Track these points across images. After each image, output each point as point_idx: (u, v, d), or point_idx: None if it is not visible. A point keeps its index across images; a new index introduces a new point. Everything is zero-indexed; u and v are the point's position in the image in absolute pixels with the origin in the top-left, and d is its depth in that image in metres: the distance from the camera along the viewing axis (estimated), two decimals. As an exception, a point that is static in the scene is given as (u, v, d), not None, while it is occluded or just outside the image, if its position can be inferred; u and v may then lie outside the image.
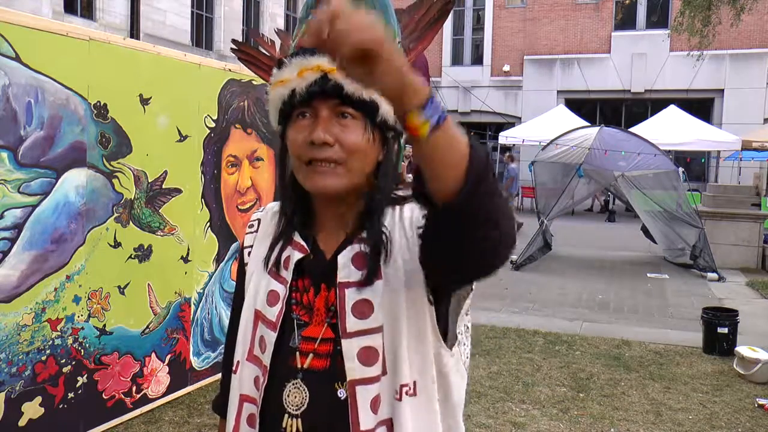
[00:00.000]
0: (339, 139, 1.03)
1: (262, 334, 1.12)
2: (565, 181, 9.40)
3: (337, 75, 1.00)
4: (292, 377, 1.08)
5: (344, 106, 1.03)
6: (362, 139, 1.04)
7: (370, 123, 1.04)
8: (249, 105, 4.41)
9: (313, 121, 1.04)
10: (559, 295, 7.67)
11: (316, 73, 1.01)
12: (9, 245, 2.91)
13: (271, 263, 1.14)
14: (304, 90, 1.02)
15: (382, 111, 1.04)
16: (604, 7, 23.17)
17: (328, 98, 1.02)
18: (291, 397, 1.07)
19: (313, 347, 1.07)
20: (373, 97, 1.02)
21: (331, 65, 0.96)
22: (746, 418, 4.09)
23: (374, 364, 1.03)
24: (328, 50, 0.78)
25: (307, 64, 1.02)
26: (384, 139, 1.08)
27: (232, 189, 4.33)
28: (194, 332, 4.09)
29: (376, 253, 1.06)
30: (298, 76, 1.03)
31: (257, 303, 1.14)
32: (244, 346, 1.14)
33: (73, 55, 3.15)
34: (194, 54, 4.22)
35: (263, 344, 1.11)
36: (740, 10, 12.81)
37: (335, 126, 1.03)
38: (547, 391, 4.43)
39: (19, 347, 2.98)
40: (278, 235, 1.15)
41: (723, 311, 5.67)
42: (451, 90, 24.38)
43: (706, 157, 20.43)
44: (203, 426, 3.69)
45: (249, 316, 1.15)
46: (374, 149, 1.06)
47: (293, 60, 1.05)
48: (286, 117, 1.08)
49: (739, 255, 9.61)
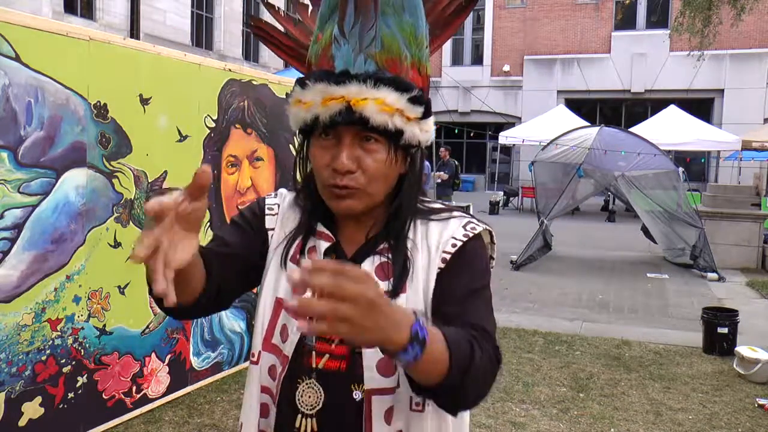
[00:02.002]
0: (362, 164, 1.03)
1: (284, 323, 1.10)
2: (565, 181, 9.40)
3: (363, 107, 0.99)
4: (306, 376, 1.07)
5: (368, 131, 1.02)
6: (385, 164, 1.04)
7: (393, 146, 1.04)
8: (249, 105, 4.41)
9: (336, 143, 1.03)
10: (559, 295, 7.67)
11: (341, 103, 1.00)
12: (9, 245, 2.91)
13: (294, 251, 1.12)
14: (327, 119, 1.01)
15: (406, 135, 1.03)
16: (604, 7, 23.18)
17: (352, 125, 1.01)
18: (305, 396, 1.06)
19: (330, 348, 1.06)
20: (399, 125, 1.02)
21: (357, 96, 0.99)
22: (746, 418, 4.09)
23: (391, 376, 1.03)
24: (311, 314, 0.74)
25: (332, 93, 1.00)
26: (407, 154, 1.08)
27: (232, 189, 4.33)
28: (194, 332, 4.09)
29: (400, 266, 1.07)
30: (322, 104, 1.01)
31: (279, 291, 1.11)
32: (262, 335, 1.12)
33: (73, 55, 3.15)
34: (194, 54, 4.22)
35: (285, 333, 1.09)
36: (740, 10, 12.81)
37: (358, 150, 1.03)
38: (547, 391, 4.43)
39: (19, 347, 2.98)
40: (300, 225, 1.14)
41: (723, 311, 5.67)
42: (451, 90, 24.38)
43: (706, 157, 20.45)
44: (203, 426, 3.69)
45: (269, 303, 1.12)
46: (396, 168, 1.07)
47: (317, 85, 1.02)
48: (308, 131, 1.08)
49: (739, 255, 9.61)
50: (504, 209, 18.61)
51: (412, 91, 1.02)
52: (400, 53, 1.02)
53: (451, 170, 12.11)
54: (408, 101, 1.02)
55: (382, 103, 1.00)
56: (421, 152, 1.12)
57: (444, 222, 1.12)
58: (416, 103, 1.03)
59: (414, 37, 1.04)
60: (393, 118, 1.01)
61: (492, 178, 23.97)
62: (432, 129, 1.10)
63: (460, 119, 24.14)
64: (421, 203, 1.14)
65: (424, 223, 1.12)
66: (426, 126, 1.07)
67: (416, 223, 1.12)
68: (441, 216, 1.13)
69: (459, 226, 1.11)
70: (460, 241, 1.09)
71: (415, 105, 1.03)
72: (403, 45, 1.03)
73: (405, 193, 1.10)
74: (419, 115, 1.04)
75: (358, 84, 0.99)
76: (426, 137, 1.08)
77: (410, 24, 1.03)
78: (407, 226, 1.11)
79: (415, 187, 1.11)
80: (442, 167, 12.21)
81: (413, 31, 1.03)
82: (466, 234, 1.10)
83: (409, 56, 1.03)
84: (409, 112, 1.03)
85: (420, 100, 1.04)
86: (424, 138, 1.07)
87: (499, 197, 18.39)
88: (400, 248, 1.08)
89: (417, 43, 1.05)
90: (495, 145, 21.66)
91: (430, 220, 1.12)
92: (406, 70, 1.04)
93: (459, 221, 1.12)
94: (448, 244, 1.09)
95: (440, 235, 1.10)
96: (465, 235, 1.09)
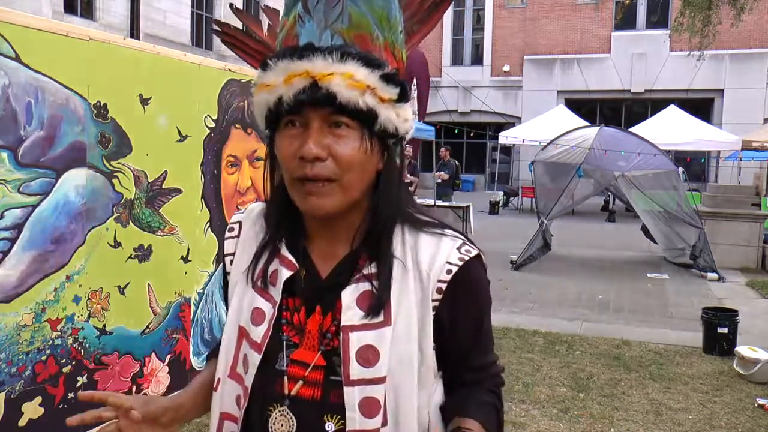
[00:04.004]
0: (332, 152, 0.92)
1: (245, 353, 1.02)
2: (565, 181, 9.40)
3: (329, 82, 0.90)
4: (278, 403, 0.99)
5: (338, 114, 0.92)
6: (359, 152, 0.93)
7: (367, 132, 0.94)
8: (249, 105, 4.41)
9: (303, 131, 0.93)
10: (559, 295, 7.67)
11: (305, 79, 0.90)
12: (9, 245, 2.91)
13: (255, 277, 1.04)
14: (291, 99, 0.91)
15: (381, 119, 0.93)
16: (604, 7, 23.18)
17: (319, 106, 0.91)
18: (277, 424, 0.99)
19: (304, 374, 0.99)
20: (371, 105, 0.92)
21: (323, 70, 0.89)
22: (746, 418, 4.09)
23: (375, 417, 0.96)
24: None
25: (295, 69, 0.91)
26: (384, 146, 0.97)
27: (232, 189, 4.33)
28: (194, 332, 4.09)
29: (385, 295, 0.97)
30: (284, 83, 0.92)
31: (241, 319, 1.04)
32: (227, 363, 1.04)
33: (73, 55, 3.15)
34: (194, 54, 4.22)
35: (246, 364, 1.01)
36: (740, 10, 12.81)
37: (327, 137, 0.92)
38: (547, 391, 4.43)
39: (19, 347, 2.98)
40: (262, 246, 1.05)
41: (723, 311, 5.67)
42: (451, 90, 24.39)
43: (706, 157, 20.43)
44: (203, 426, 3.69)
45: (232, 331, 1.05)
46: (373, 160, 0.96)
47: (279, 63, 0.92)
48: (274, 122, 0.97)
49: (739, 255, 9.61)
50: (504, 209, 18.61)
51: (384, 68, 0.93)
52: (371, 31, 0.94)
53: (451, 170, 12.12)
54: (380, 79, 0.92)
55: (351, 77, 0.90)
56: (401, 148, 1.01)
57: (437, 239, 1.01)
58: (390, 83, 0.93)
59: (386, 19, 0.95)
60: (364, 96, 0.91)
61: (492, 178, 23.97)
62: (411, 119, 1.00)
63: (460, 119, 24.14)
64: (410, 208, 1.03)
65: (413, 233, 1.01)
66: (403, 112, 0.97)
67: (404, 232, 1.01)
68: (433, 230, 1.02)
69: (453, 247, 1.01)
70: (456, 266, 0.99)
71: (389, 84, 0.93)
72: (375, 25, 0.94)
73: (383, 191, 0.98)
74: (394, 96, 0.94)
75: (323, 57, 0.90)
76: (405, 127, 0.98)
77: (381, 7, 0.95)
78: (392, 232, 1.00)
79: (394, 184, 0.99)
80: (442, 167, 12.22)
81: (385, 14, 0.95)
82: (461, 257, 1.00)
83: (381, 37, 0.95)
84: (382, 91, 0.93)
85: (394, 79, 0.94)
86: (402, 127, 0.97)
87: (499, 197, 18.40)
88: (385, 266, 0.98)
89: (390, 26, 0.96)
90: (495, 145, 21.67)
91: (421, 231, 1.02)
92: (378, 50, 0.94)
93: (452, 242, 1.01)
94: (443, 271, 0.99)
95: (432, 258, 0.99)
96: (461, 259, 1.00)
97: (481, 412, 1.03)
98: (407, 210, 1.03)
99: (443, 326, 1.01)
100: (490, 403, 1.06)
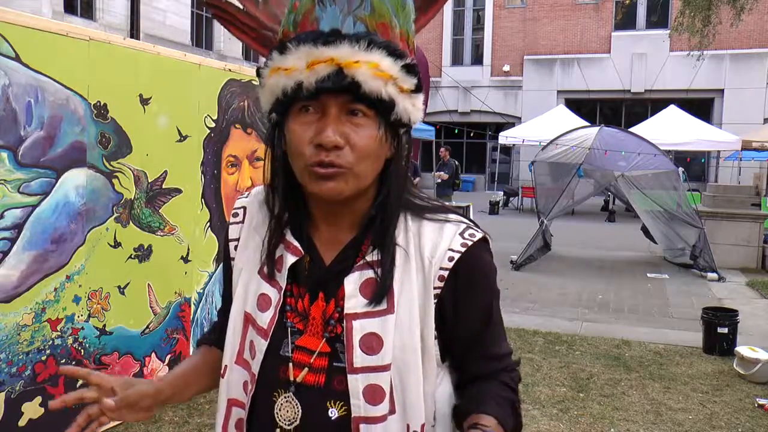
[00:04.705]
0: (349, 140, 0.92)
1: (251, 339, 1.03)
2: (565, 181, 9.40)
3: (355, 70, 0.88)
4: (284, 389, 1.00)
5: (356, 103, 0.91)
6: (375, 141, 0.93)
7: (383, 121, 0.94)
8: (249, 105, 4.41)
9: (319, 117, 0.92)
10: (559, 295, 7.67)
11: (330, 66, 0.89)
12: (9, 245, 2.91)
13: (262, 263, 1.04)
14: (313, 85, 0.89)
15: (398, 109, 0.93)
16: (604, 7, 23.19)
17: (339, 94, 0.90)
18: (283, 410, 0.99)
19: (309, 360, 0.99)
20: (392, 95, 0.92)
21: (349, 58, 0.89)
22: (746, 418, 4.09)
23: (379, 404, 0.95)
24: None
25: (319, 56, 0.89)
26: (395, 134, 0.98)
27: (232, 189, 4.33)
28: (194, 332, 4.09)
29: (388, 282, 0.97)
30: (307, 68, 0.89)
31: (247, 305, 1.04)
32: (233, 349, 1.05)
33: (73, 55, 3.15)
34: (194, 54, 4.22)
35: (253, 350, 1.02)
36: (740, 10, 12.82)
37: (345, 125, 0.92)
38: (547, 391, 4.43)
39: (19, 347, 2.98)
40: (270, 235, 1.05)
41: (723, 311, 5.67)
42: (451, 90, 24.38)
43: (706, 157, 20.44)
44: (203, 426, 3.69)
45: (238, 318, 1.05)
46: (385, 148, 0.96)
47: (302, 47, 0.90)
48: (285, 106, 0.95)
49: (739, 255, 9.61)
50: (504, 209, 18.62)
51: (406, 59, 0.93)
52: (390, 20, 0.92)
53: (451, 170, 12.11)
54: (402, 69, 0.92)
55: (376, 67, 0.89)
56: (409, 137, 1.01)
57: (439, 225, 1.01)
58: (410, 73, 0.93)
59: (402, 6, 0.94)
60: (387, 86, 0.91)
61: (492, 178, 23.97)
62: (421, 108, 0.99)
63: (460, 119, 24.14)
64: (412, 196, 1.03)
65: (416, 220, 1.01)
66: (417, 102, 0.97)
67: (407, 219, 1.01)
68: (436, 216, 1.02)
69: (455, 233, 1.00)
70: (458, 252, 0.99)
71: (409, 75, 0.93)
72: (393, 13, 0.93)
73: (392, 179, 0.98)
74: (413, 87, 0.94)
75: (350, 45, 0.88)
76: (416, 116, 0.98)
77: None
78: (396, 219, 1.00)
79: (402, 173, 1.00)
80: (442, 167, 12.21)
81: (401, 2, 0.94)
82: (464, 243, 0.99)
83: (398, 25, 0.94)
84: (403, 81, 0.93)
85: (413, 69, 0.94)
86: (414, 116, 0.97)
87: (499, 197, 18.40)
88: (388, 253, 0.97)
89: (405, 14, 0.95)
90: (495, 145, 21.66)
91: (423, 218, 1.01)
92: (396, 39, 0.94)
93: (455, 227, 1.01)
94: (445, 258, 0.98)
95: (435, 244, 0.99)
96: (463, 245, 0.99)
97: (498, 407, 0.99)
98: (410, 198, 1.03)
99: (446, 314, 1.00)
100: (507, 398, 1.02)
